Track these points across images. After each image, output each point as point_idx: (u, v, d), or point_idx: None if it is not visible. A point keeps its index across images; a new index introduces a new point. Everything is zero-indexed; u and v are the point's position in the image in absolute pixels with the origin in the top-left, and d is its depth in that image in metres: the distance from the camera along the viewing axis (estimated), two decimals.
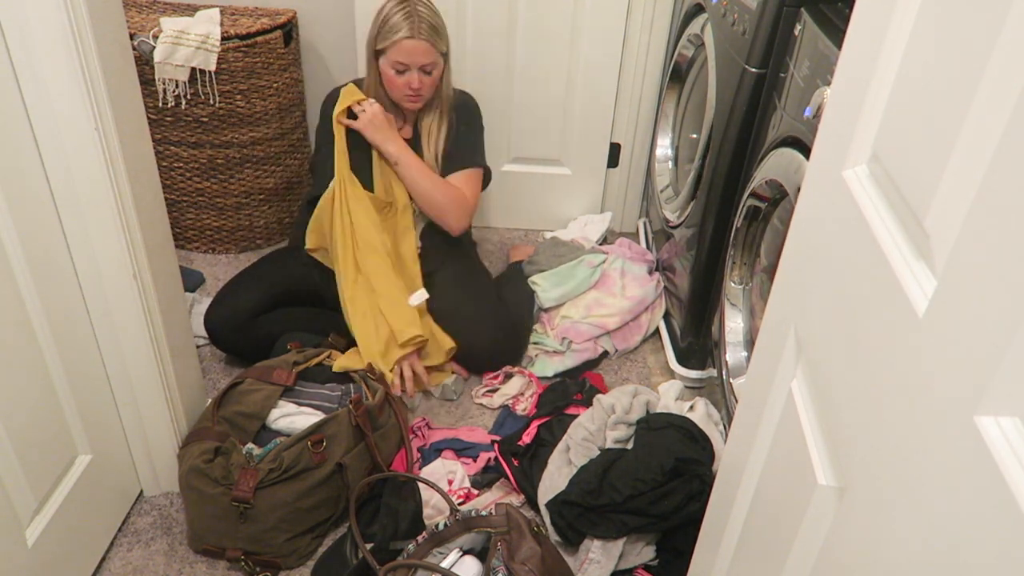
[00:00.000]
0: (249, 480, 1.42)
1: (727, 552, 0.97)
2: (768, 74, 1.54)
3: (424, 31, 1.75)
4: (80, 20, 1.14)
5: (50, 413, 1.29)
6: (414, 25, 1.74)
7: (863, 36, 0.70)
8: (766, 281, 1.61)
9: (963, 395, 0.46)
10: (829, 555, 0.66)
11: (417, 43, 1.76)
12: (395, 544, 1.41)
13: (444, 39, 1.81)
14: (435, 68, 1.81)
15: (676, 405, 1.71)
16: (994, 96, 0.48)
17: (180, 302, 1.54)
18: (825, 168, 0.76)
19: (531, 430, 1.71)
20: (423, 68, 1.79)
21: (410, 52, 1.76)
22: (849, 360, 0.66)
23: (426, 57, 1.78)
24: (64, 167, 1.24)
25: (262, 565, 1.46)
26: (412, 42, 1.75)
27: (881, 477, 0.57)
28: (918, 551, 0.50)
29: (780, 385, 0.82)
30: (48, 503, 1.30)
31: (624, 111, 2.39)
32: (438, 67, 1.82)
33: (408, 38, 1.75)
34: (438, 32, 1.78)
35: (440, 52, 1.80)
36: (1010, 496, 0.41)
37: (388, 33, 1.76)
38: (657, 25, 2.27)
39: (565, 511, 1.46)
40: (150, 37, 2.04)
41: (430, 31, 1.76)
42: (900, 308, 0.56)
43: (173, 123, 2.15)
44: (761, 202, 1.54)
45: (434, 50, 1.78)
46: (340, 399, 1.64)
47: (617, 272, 2.14)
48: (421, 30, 1.75)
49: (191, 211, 2.32)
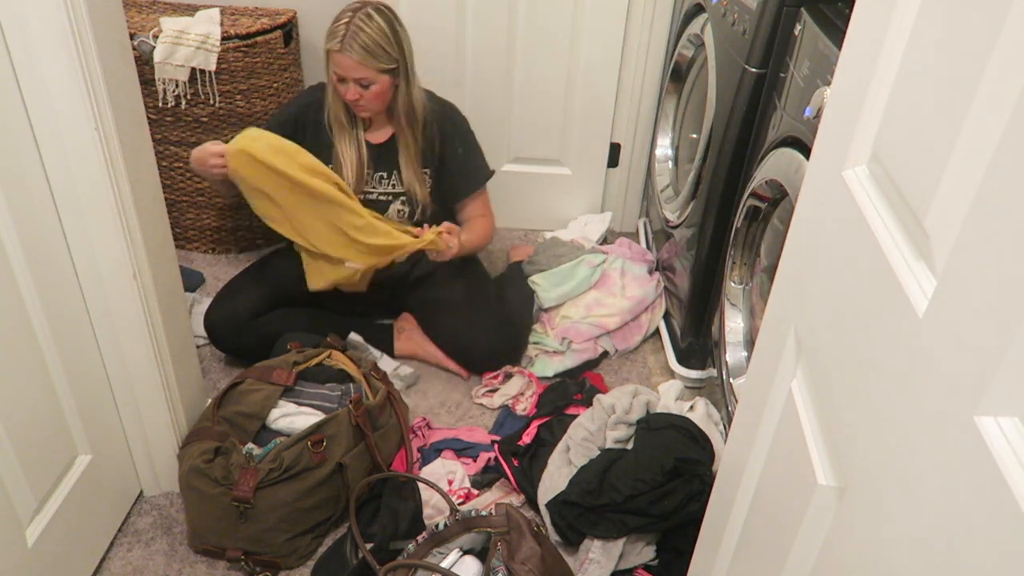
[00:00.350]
0: (249, 480, 1.42)
1: (727, 552, 0.97)
2: (768, 74, 1.54)
3: (354, 48, 1.70)
4: (80, 20, 1.14)
5: (50, 413, 1.29)
6: (345, 39, 1.70)
7: (863, 36, 0.70)
8: (766, 281, 1.61)
9: (963, 395, 0.46)
10: (829, 555, 0.66)
11: (344, 57, 1.71)
12: (395, 544, 1.41)
13: (384, 58, 1.73)
14: (373, 84, 1.75)
15: (676, 405, 1.71)
16: (994, 96, 0.48)
17: (180, 302, 1.54)
18: (825, 168, 0.76)
19: (531, 430, 1.71)
20: (358, 81, 1.75)
21: (340, 65, 1.73)
22: (849, 360, 0.66)
23: (357, 72, 1.73)
24: (64, 167, 1.24)
25: (262, 565, 1.46)
26: (340, 55, 1.71)
27: (881, 477, 0.57)
28: (918, 551, 0.50)
29: (780, 385, 0.82)
30: (48, 503, 1.30)
31: (624, 111, 2.39)
32: (378, 83, 1.76)
33: (337, 51, 1.71)
34: (370, 51, 1.71)
35: (378, 70, 1.74)
36: (1010, 496, 0.41)
37: (328, 38, 1.74)
38: (657, 25, 2.27)
39: (565, 511, 1.46)
40: (150, 37, 2.04)
41: (362, 50, 1.71)
42: (900, 308, 0.56)
43: (173, 123, 2.15)
44: (761, 202, 1.54)
45: (364, 67, 1.72)
46: (340, 399, 1.64)
47: (617, 272, 2.14)
48: (351, 46, 1.70)
49: (191, 211, 2.32)
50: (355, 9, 1.73)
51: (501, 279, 2.19)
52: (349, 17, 1.72)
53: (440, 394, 1.92)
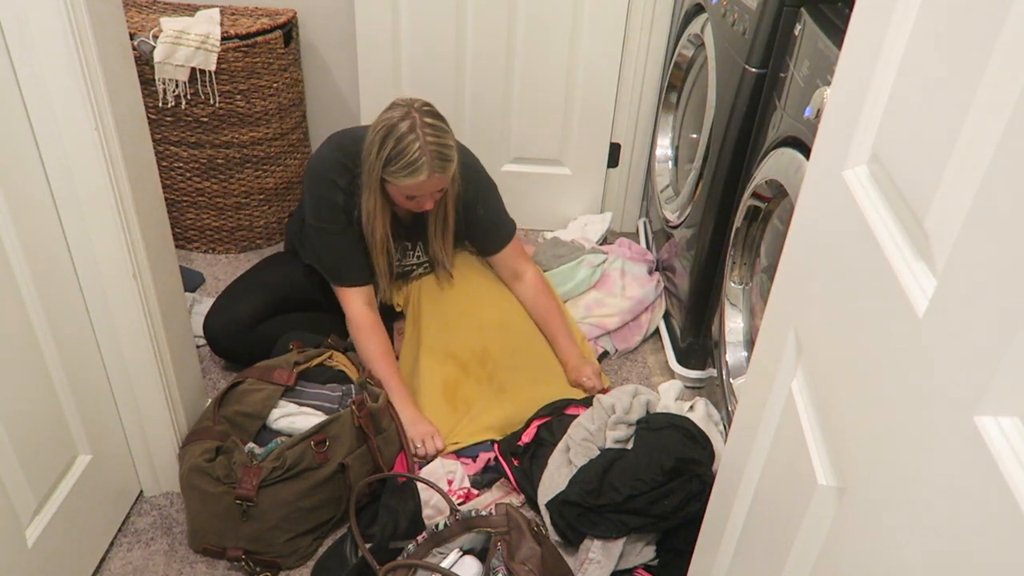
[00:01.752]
0: (252, 478, 1.42)
1: (727, 552, 0.97)
2: (768, 74, 1.54)
3: (440, 166, 1.60)
4: (80, 20, 1.14)
5: (50, 413, 1.29)
6: (432, 163, 1.59)
7: (863, 36, 0.70)
8: (766, 281, 1.61)
9: (963, 395, 0.46)
10: (829, 555, 0.66)
11: (434, 179, 1.62)
12: (395, 544, 1.41)
13: (454, 157, 1.64)
14: (447, 187, 1.69)
15: (676, 405, 1.71)
16: (994, 96, 0.48)
17: (180, 302, 1.54)
18: (825, 168, 0.76)
19: (531, 430, 1.71)
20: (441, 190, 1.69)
21: (426, 187, 1.63)
22: (849, 360, 0.66)
23: (441, 184, 1.65)
24: (64, 167, 1.24)
25: (262, 565, 1.46)
26: (430, 181, 1.61)
27: (881, 477, 0.57)
28: (918, 551, 0.50)
29: (780, 385, 0.82)
30: (48, 503, 1.30)
31: (624, 111, 2.39)
32: (449, 185, 1.69)
33: (426, 179, 1.60)
34: (450, 158, 1.62)
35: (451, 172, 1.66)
36: (1010, 496, 0.41)
37: (403, 171, 1.60)
38: (657, 25, 2.27)
39: (565, 511, 1.46)
40: (150, 37, 2.04)
41: (443, 163, 1.61)
42: (900, 308, 0.56)
43: (173, 123, 2.15)
44: (761, 202, 1.54)
45: (447, 177, 1.65)
46: (341, 399, 1.64)
47: (617, 272, 2.14)
48: (437, 167, 1.60)
49: (191, 211, 2.32)
50: (410, 127, 1.58)
51: None
52: (417, 139, 1.58)
53: None
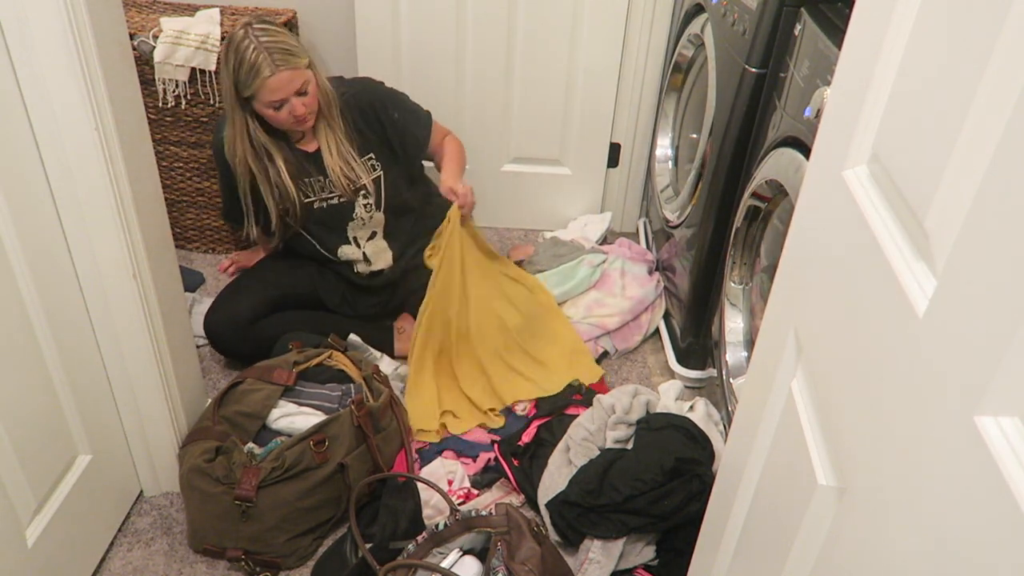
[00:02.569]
0: (252, 479, 1.42)
1: (727, 552, 0.97)
2: (768, 74, 1.54)
3: (286, 60, 1.65)
4: (80, 20, 1.14)
5: (50, 413, 1.29)
6: (272, 59, 1.64)
7: (863, 36, 0.70)
8: (766, 281, 1.61)
9: (963, 395, 0.46)
10: (829, 555, 0.66)
11: (279, 76, 1.65)
12: (395, 544, 1.41)
13: (301, 52, 1.70)
14: (309, 84, 1.71)
15: (676, 405, 1.71)
16: (994, 96, 0.48)
17: (180, 302, 1.53)
18: (825, 168, 0.76)
19: (531, 430, 1.71)
20: (298, 92, 1.70)
21: (278, 86, 1.66)
22: (849, 360, 0.66)
23: (296, 82, 1.68)
24: (64, 167, 1.24)
25: (262, 565, 1.46)
26: (275, 78, 1.65)
27: (881, 477, 0.57)
28: (918, 551, 0.50)
29: (780, 385, 0.82)
30: (48, 503, 1.30)
31: (624, 111, 2.39)
32: (311, 81, 1.72)
33: (270, 76, 1.64)
34: (295, 53, 1.68)
35: (304, 67, 1.70)
36: (1010, 496, 0.41)
37: (249, 79, 1.65)
38: (657, 25, 2.27)
39: (565, 511, 1.46)
40: (150, 37, 2.04)
41: (289, 57, 1.66)
42: (900, 308, 0.56)
43: (173, 123, 2.15)
44: (761, 202, 1.54)
45: (299, 72, 1.68)
46: (340, 399, 1.64)
47: (617, 272, 2.14)
48: (279, 61, 1.65)
49: (191, 211, 2.32)
50: (243, 35, 1.66)
51: None
52: (251, 43, 1.65)
53: None
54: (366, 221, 1.92)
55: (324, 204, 1.89)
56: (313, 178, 1.86)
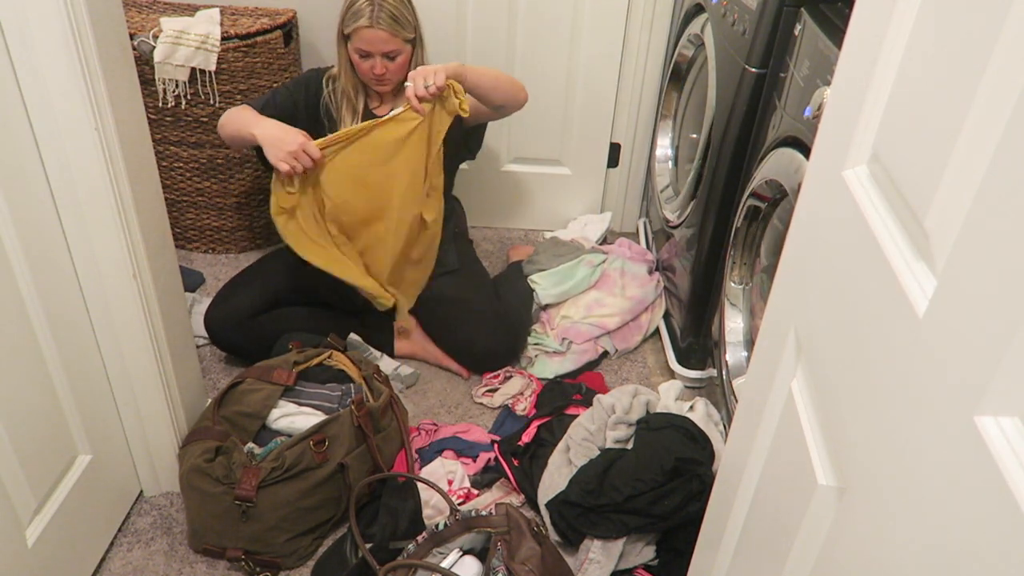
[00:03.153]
0: (251, 479, 1.42)
1: (727, 552, 0.97)
2: (768, 74, 1.54)
3: (384, 20, 1.75)
4: (80, 20, 1.14)
5: (50, 413, 1.29)
6: (374, 14, 1.74)
7: (863, 36, 0.70)
8: (766, 281, 1.61)
9: (963, 395, 0.46)
10: (829, 555, 0.66)
11: (376, 32, 1.75)
12: (395, 544, 1.41)
13: (408, 26, 1.80)
14: (399, 54, 1.80)
15: (676, 405, 1.71)
16: (994, 96, 0.48)
17: (180, 302, 1.54)
18: (825, 168, 0.76)
19: (531, 430, 1.71)
20: (386, 54, 1.79)
21: (370, 40, 1.77)
22: (849, 360, 0.66)
23: (387, 45, 1.78)
24: (64, 167, 1.24)
25: (262, 565, 1.46)
26: (371, 31, 1.75)
27: (881, 477, 0.57)
28: (918, 551, 0.50)
29: (780, 385, 0.82)
30: (48, 503, 1.30)
31: (624, 111, 2.39)
32: (403, 53, 1.81)
33: (367, 27, 1.75)
34: (399, 21, 1.77)
35: (404, 39, 1.79)
36: (1010, 496, 0.41)
37: (350, 20, 1.77)
38: (657, 25, 2.27)
39: (565, 511, 1.46)
40: (150, 37, 2.04)
41: (390, 20, 1.76)
42: (900, 308, 0.56)
43: (173, 123, 2.15)
44: (761, 202, 1.54)
45: (395, 38, 1.78)
46: (340, 399, 1.64)
47: (617, 272, 2.14)
48: (380, 19, 1.75)
49: (191, 211, 2.32)
50: None
51: (501, 279, 2.19)
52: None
53: (440, 394, 1.92)
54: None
55: None
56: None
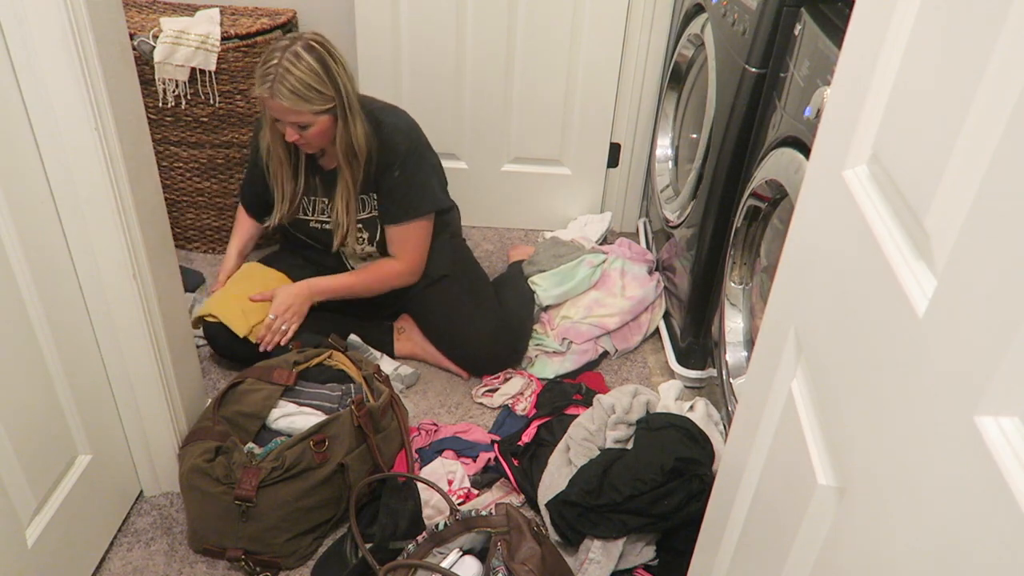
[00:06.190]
0: (251, 479, 1.42)
1: (727, 552, 0.97)
2: (768, 74, 1.54)
3: (284, 94, 1.61)
4: (80, 20, 1.14)
5: (50, 413, 1.29)
6: (274, 86, 1.61)
7: (863, 36, 0.70)
8: (766, 281, 1.61)
9: (963, 395, 0.46)
10: (829, 555, 0.66)
11: (276, 102, 1.63)
12: (395, 544, 1.41)
13: (319, 99, 1.64)
14: (311, 125, 1.66)
15: (676, 405, 1.71)
16: (994, 96, 0.48)
17: (180, 302, 1.53)
18: (825, 168, 0.76)
19: (531, 430, 1.71)
20: (295, 124, 1.67)
21: (273, 109, 1.66)
22: (849, 360, 0.66)
23: (291, 116, 1.65)
24: (64, 167, 1.24)
25: (262, 565, 1.46)
26: (271, 101, 1.63)
27: (881, 477, 0.57)
28: (918, 551, 0.50)
29: (780, 385, 0.82)
30: (48, 503, 1.30)
31: (624, 111, 2.39)
32: (316, 124, 1.67)
33: (268, 97, 1.63)
34: (303, 96, 1.62)
35: (313, 112, 1.65)
36: (1010, 496, 0.41)
37: (256, 83, 1.65)
38: (657, 25, 2.27)
39: (565, 511, 1.46)
40: (150, 37, 2.04)
41: (291, 95, 1.61)
42: (900, 308, 0.56)
43: (173, 123, 2.15)
44: (761, 202, 1.54)
45: (298, 112, 1.64)
46: (340, 399, 1.64)
47: (617, 272, 2.14)
48: (279, 92, 1.61)
49: (191, 211, 2.32)
50: (284, 48, 1.63)
51: (501, 279, 2.19)
52: (277, 58, 1.61)
53: (440, 394, 1.92)
54: (358, 251, 1.93)
55: (319, 226, 1.90)
56: (318, 198, 1.86)
